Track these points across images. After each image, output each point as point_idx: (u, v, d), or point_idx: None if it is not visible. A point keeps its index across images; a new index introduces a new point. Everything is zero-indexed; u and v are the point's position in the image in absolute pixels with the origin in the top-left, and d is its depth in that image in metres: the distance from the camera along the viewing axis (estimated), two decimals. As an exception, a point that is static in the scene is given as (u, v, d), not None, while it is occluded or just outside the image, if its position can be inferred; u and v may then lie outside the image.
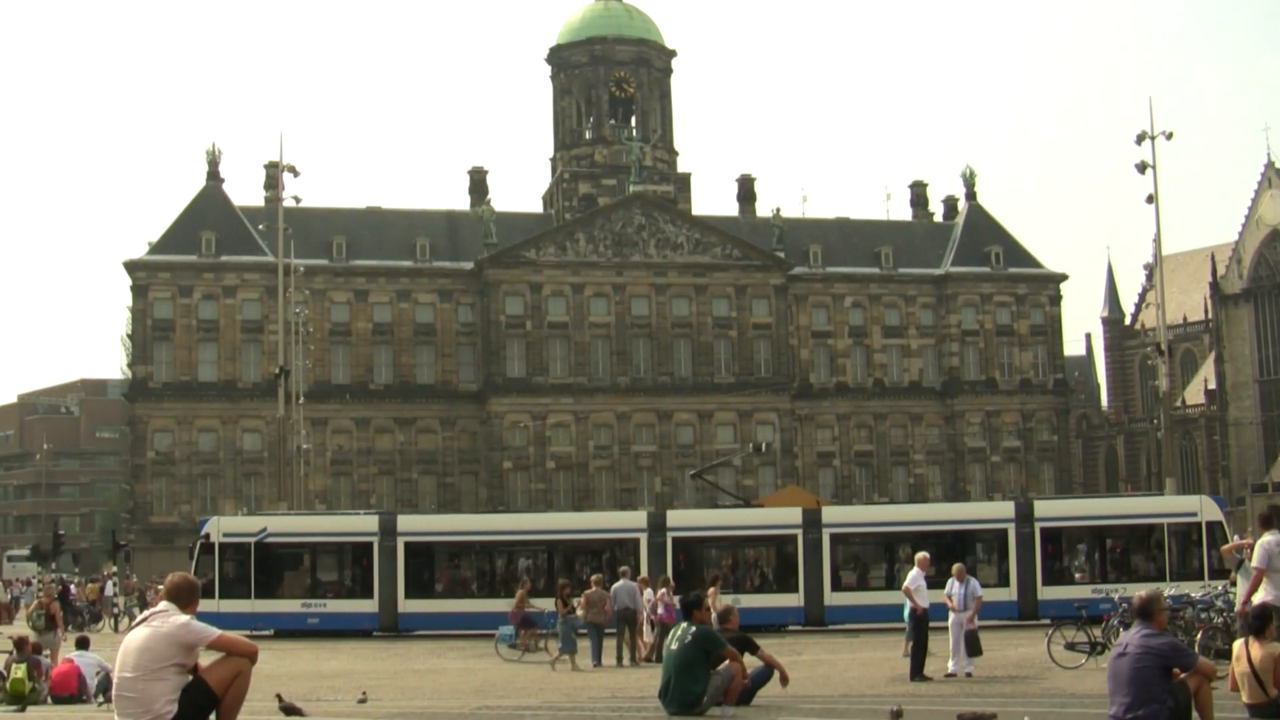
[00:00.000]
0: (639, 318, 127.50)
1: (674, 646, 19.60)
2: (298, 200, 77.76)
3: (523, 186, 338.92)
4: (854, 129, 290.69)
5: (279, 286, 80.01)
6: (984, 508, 62.82)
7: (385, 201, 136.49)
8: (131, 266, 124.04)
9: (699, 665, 19.23)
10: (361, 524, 54.29)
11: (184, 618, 12.64)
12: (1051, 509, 54.48)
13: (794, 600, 49.60)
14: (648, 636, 38.61)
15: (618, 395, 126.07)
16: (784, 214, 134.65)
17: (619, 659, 37.12)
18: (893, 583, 47.14)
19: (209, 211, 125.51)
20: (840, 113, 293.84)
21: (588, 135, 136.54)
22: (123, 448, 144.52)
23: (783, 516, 54.31)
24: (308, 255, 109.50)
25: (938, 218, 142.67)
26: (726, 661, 19.46)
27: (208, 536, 51.86)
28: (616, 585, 38.74)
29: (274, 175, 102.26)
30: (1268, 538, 22.22)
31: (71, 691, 25.52)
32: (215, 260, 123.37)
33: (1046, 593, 49.31)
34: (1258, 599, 21.49)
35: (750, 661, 20.36)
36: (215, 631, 12.73)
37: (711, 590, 38.57)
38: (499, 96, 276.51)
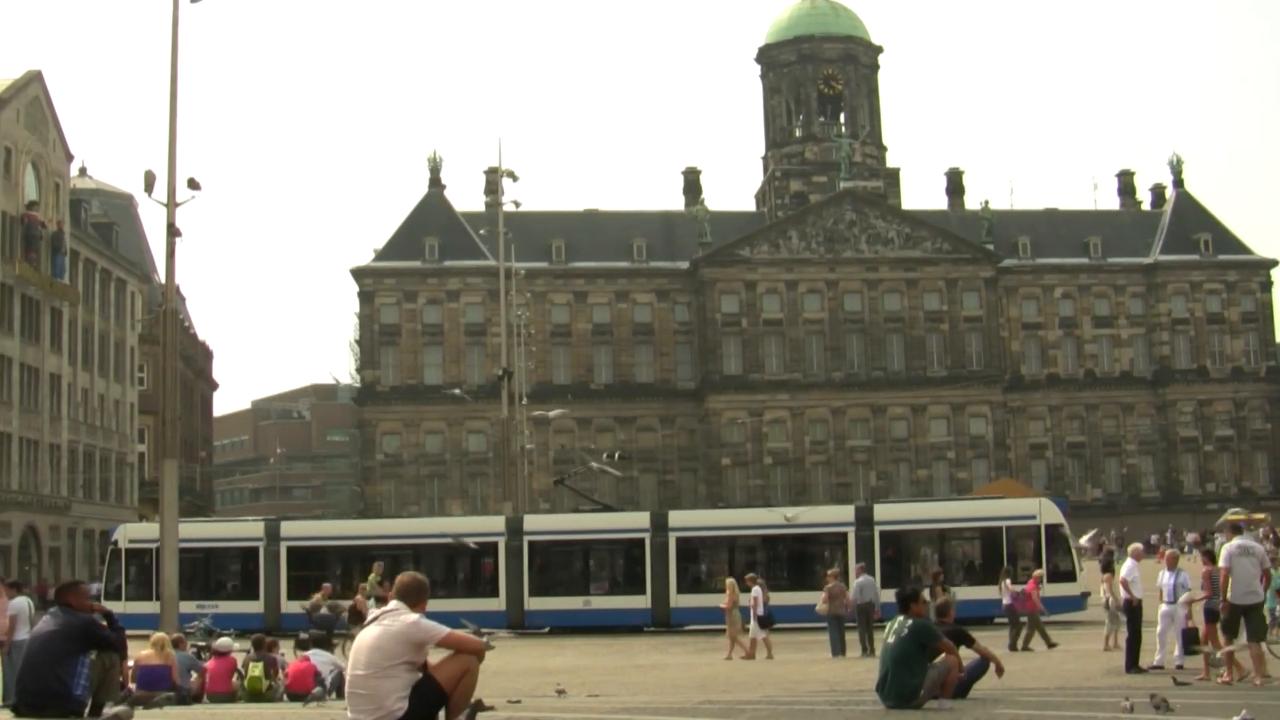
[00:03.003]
0: (851, 313, 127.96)
1: (890, 640, 19.47)
2: (517, 204, 79.56)
3: (735, 185, 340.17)
4: (1060, 119, 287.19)
5: (500, 290, 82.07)
6: (826, 511, 61.90)
7: (602, 204, 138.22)
8: (358, 273, 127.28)
9: (915, 658, 19.13)
10: (249, 530, 56.87)
11: (414, 616, 12.81)
12: (891, 513, 54.94)
13: (642, 602, 50.44)
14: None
15: (832, 391, 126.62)
16: (992, 206, 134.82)
17: (862, 650, 37.33)
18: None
19: (432, 218, 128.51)
20: (1046, 103, 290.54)
21: (798, 133, 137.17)
22: (352, 451, 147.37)
23: (632, 521, 56.17)
24: (528, 258, 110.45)
25: (1145, 206, 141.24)
26: (943, 655, 19.41)
27: (116, 543, 55.22)
28: (859, 580, 39.71)
29: (494, 181, 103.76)
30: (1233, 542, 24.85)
31: (307, 689, 25.92)
32: (438, 265, 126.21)
33: (887, 596, 49.87)
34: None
35: (966, 654, 20.35)
36: (444, 629, 12.93)
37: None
38: (711, 97, 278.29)
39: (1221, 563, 24.02)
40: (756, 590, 38.74)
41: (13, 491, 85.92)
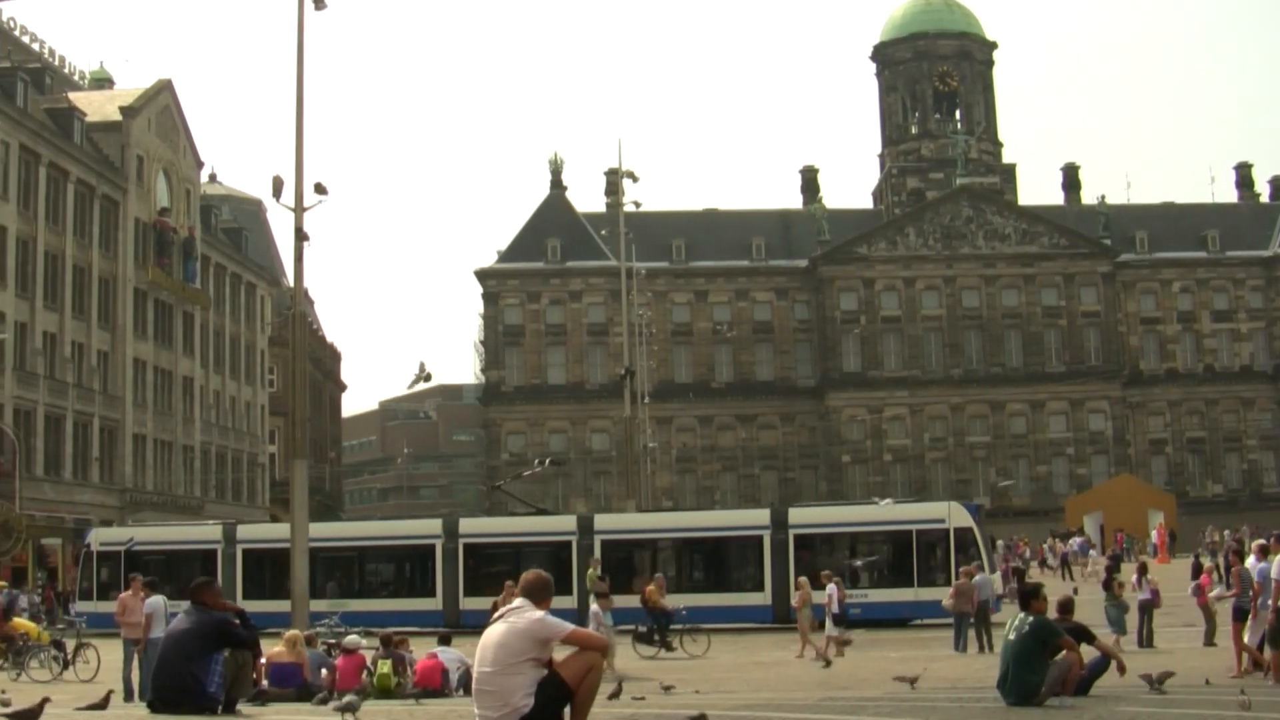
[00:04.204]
0: (969, 309, 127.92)
1: (1011, 637, 19.23)
2: (637, 205, 79.94)
3: (853, 183, 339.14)
4: (1176, 112, 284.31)
5: (622, 290, 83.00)
6: (741, 515, 62.41)
7: (721, 203, 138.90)
8: (483, 275, 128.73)
9: (1036, 655, 18.88)
10: (208, 533, 58.59)
11: (539, 613, 12.80)
12: (805, 516, 54.83)
13: (569, 603, 50.99)
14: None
15: (951, 387, 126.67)
16: (1109, 201, 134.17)
17: (979, 648, 37.92)
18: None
19: (554, 219, 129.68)
20: (1162, 96, 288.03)
21: (914, 130, 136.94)
22: (478, 450, 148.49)
23: (560, 524, 57.07)
24: (648, 258, 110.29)
25: (1264, 198, 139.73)
26: (1064, 652, 19.14)
27: (89, 546, 57.49)
28: (976, 578, 40.21)
29: (614, 181, 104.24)
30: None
31: (434, 686, 26.06)
32: (561, 266, 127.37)
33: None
34: None
35: (1087, 651, 20.17)
36: (569, 626, 12.87)
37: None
38: (827, 95, 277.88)
39: (1274, 573, 23.50)
40: (832, 588, 39.16)
41: (148, 492, 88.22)
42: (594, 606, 33.73)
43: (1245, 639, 26.38)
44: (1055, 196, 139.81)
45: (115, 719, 19.86)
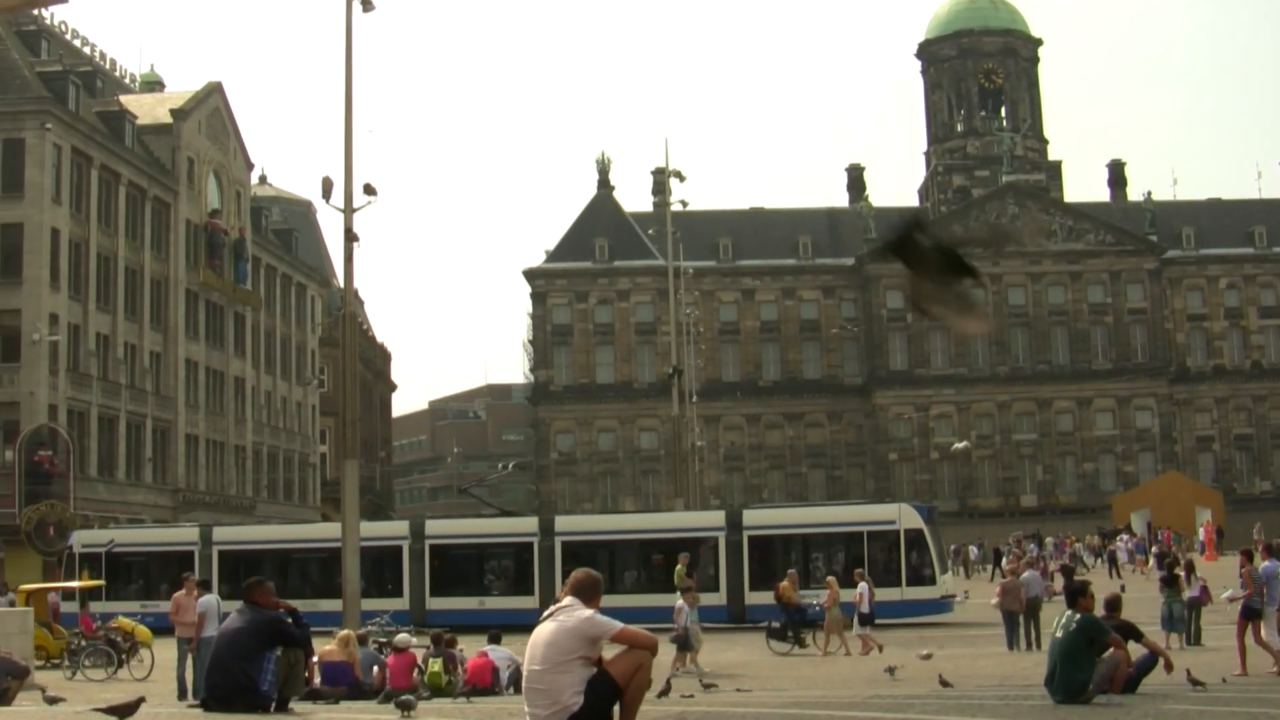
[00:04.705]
0: (1015, 307, 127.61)
1: (1059, 635, 19.18)
2: (684, 204, 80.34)
3: (899, 181, 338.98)
4: (1222, 107, 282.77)
5: (670, 289, 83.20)
6: (698, 516, 62.95)
7: (767, 202, 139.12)
8: (531, 275, 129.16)
9: (1084, 653, 18.81)
10: (185, 535, 59.61)
11: (588, 612, 12.82)
12: (759, 517, 55.17)
13: (531, 603, 51.59)
14: None
15: (997, 385, 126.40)
16: (1155, 197, 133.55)
17: (1026, 645, 37.98)
18: (616, 586, 50.36)
19: (601, 219, 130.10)
20: (1207, 92, 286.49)
21: (959, 128, 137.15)
22: (527, 449, 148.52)
23: (522, 526, 57.06)
24: (696, 257, 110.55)
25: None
26: (1111, 649, 19.08)
27: (71, 548, 58.45)
28: (1025, 574, 40.34)
29: (661, 181, 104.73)
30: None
31: (485, 684, 26.32)
32: (608, 266, 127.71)
33: (753, 598, 50.16)
34: None
35: (1134, 649, 20.16)
36: (618, 625, 12.86)
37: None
38: (872, 93, 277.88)
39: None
40: (863, 586, 39.44)
41: (200, 492, 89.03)
42: (680, 601, 34.01)
43: (1263, 635, 26.49)
44: (1101, 193, 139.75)
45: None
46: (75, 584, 49.82)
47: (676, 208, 79.66)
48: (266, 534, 65.51)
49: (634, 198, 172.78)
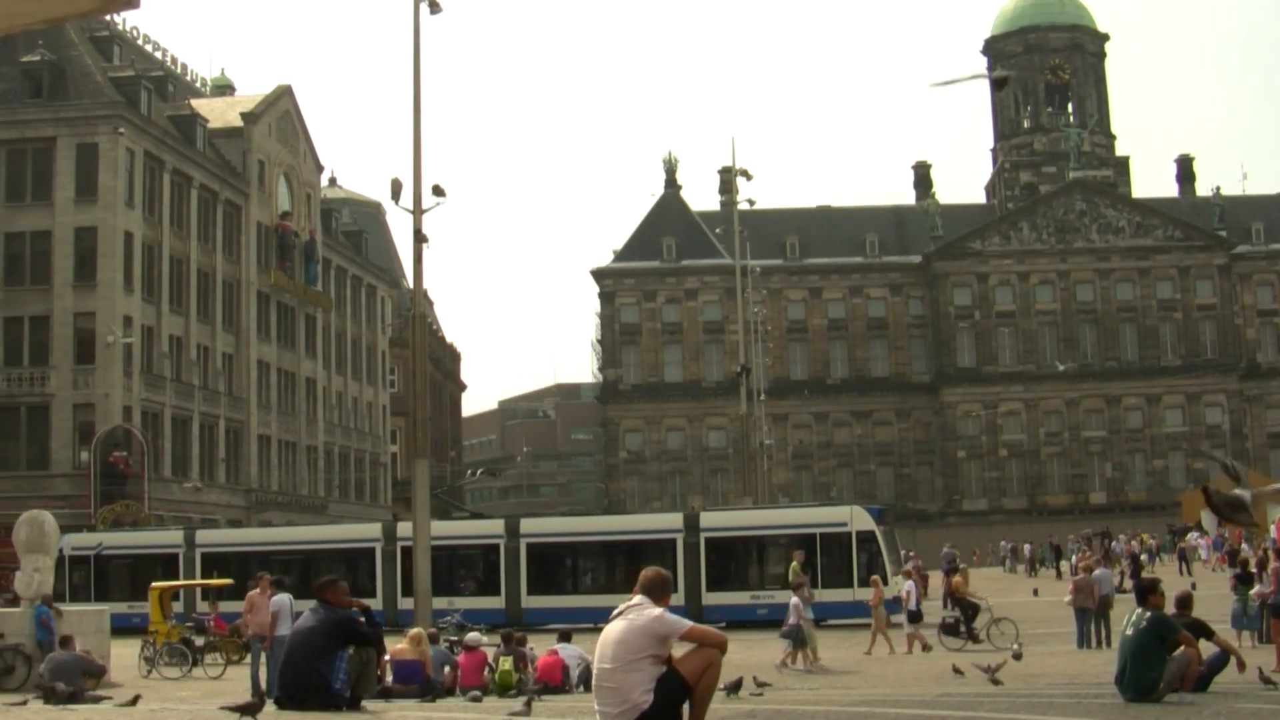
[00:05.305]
0: (1084, 303, 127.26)
1: (1129, 633, 19.01)
2: (751, 203, 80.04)
3: (966, 178, 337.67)
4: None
5: (737, 288, 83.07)
6: (657, 519, 63.75)
7: (834, 200, 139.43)
8: (599, 274, 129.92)
9: (1154, 651, 18.62)
10: (170, 538, 60.37)
11: (658, 610, 12.76)
12: (716, 519, 55.70)
13: (497, 603, 51.60)
14: None
15: (1066, 382, 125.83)
16: (1224, 192, 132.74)
17: (1096, 643, 37.89)
18: (578, 587, 52.55)
19: (669, 218, 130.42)
20: (1276, 85, 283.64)
21: (1026, 124, 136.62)
22: (596, 448, 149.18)
23: (488, 528, 57.63)
24: (763, 256, 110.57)
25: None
26: (1182, 647, 18.84)
27: (62, 551, 58.93)
28: (1096, 572, 40.09)
29: (728, 180, 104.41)
30: None
31: (555, 682, 26.40)
32: (676, 265, 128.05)
33: (711, 599, 50.79)
34: None
35: (1206, 648, 19.84)
36: (687, 623, 12.89)
37: None
38: (939, 90, 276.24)
39: None
40: (910, 585, 39.43)
41: (273, 492, 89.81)
42: (794, 599, 34.15)
43: None
44: (1169, 189, 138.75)
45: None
46: (210, 582, 50.76)
47: (743, 206, 79.38)
48: (247, 536, 66.67)
49: (701, 197, 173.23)
